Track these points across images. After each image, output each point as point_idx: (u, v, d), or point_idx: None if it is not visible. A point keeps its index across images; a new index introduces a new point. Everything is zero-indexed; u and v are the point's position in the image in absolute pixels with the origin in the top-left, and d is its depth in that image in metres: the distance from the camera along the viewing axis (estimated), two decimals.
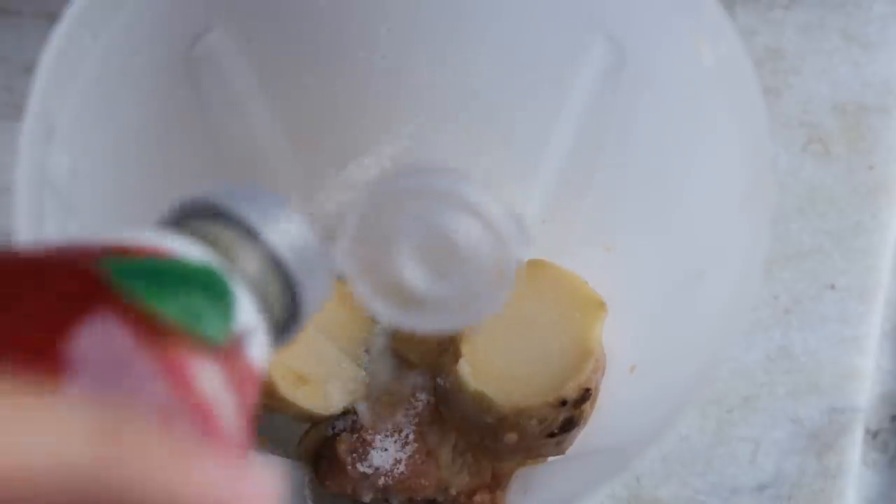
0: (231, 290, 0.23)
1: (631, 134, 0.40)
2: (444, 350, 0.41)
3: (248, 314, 0.23)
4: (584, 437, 0.40)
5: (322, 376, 0.41)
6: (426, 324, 0.30)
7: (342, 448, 0.41)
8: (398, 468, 0.41)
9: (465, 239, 0.29)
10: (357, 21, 0.40)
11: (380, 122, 0.43)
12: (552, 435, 0.39)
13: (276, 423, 0.42)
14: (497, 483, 0.42)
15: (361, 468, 0.41)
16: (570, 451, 0.40)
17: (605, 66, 0.39)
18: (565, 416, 0.38)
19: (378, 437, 0.41)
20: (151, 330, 0.20)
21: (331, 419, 0.42)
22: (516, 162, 0.44)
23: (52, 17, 0.31)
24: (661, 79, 0.38)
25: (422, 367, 0.42)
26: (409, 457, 0.41)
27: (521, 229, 0.29)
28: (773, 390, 0.48)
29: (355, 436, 0.41)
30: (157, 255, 0.22)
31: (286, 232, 0.25)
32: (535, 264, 0.42)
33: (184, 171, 0.39)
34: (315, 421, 0.42)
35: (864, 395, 0.48)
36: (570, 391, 0.38)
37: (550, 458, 0.41)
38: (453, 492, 0.41)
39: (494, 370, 0.39)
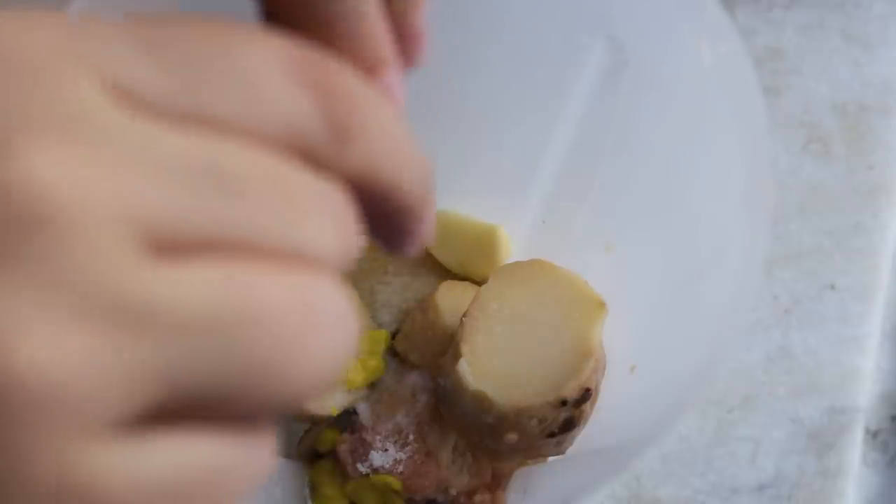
0: None
1: (631, 134, 0.40)
2: (444, 350, 0.41)
3: None
4: (584, 437, 0.40)
5: None
6: None
7: (342, 448, 0.41)
8: (398, 468, 0.41)
9: None
10: None
11: None
12: (552, 435, 0.39)
13: (275, 423, 0.42)
14: (497, 483, 0.42)
15: (361, 468, 0.41)
16: (570, 451, 0.40)
17: (606, 67, 0.39)
18: (565, 416, 0.38)
19: (378, 437, 0.41)
20: None
21: (331, 419, 0.42)
22: (517, 162, 0.44)
23: None
24: (662, 79, 0.38)
25: (422, 367, 0.42)
26: (409, 457, 0.41)
27: None
28: (773, 390, 0.48)
29: (355, 436, 0.41)
30: None
31: None
32: (535, 264, 0.42)
33: None
34: (315, 421, 0.42)
35: (864, 395, 0.48)
36: (570, 391, 0.38)
37: (550, 458, 0.41)
38: (453, 492, 0.41)
39: (494, 370, 0.39)
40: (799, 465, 0.47)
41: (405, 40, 0.22)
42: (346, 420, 0.42)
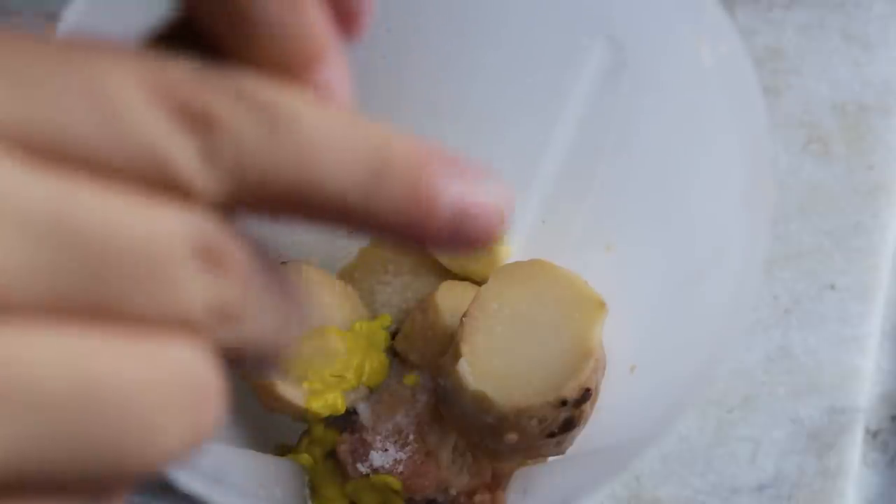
0: None
1: (631, 134, 0.40)
2: (444, 350, 0.41)
3: None
4: (584, 437, 0.40)
5: (322, 376, 0.41)
6: None
7: (342, 448, 0.41)
8: (398, 468, 0.41)
9: None
10: None
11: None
12: (552, 435, 0.39)
13: (276, 423, 0.42)
14: (497, 483, 0.42)
15: (361, 468, 0.41)
16: (570, 451, 0.40)
17: (606, 67, 0.39)
18: (565, 416, 0.38)
19: (378, 437, 0.41)
20: None
21: (330, 419, 0.42)
22: (517, 162, 0.44)
23: (52, 17, 0.31)
24: (662, 79, 0.38)
25: (422, 367, 0.42)
26: (409, 457, 0.41)
27: None
28: (773, 390, 0.48)
29: (355, 436, 0.41)
30: None
31: None
32: (535, 264, 0.42)
33: None
34: (314, 421, 0.42)
35: (864, 395, 0.48)
36: (570, 391, 0.38)
37: (550, 458, 0.41)
38: (453, 492, 0.41)
39: (494, 370, 0.39)
40: (799, 465, 0.47)
41: (346, 14, 0.19)
42: (346, 420, 0.42)
